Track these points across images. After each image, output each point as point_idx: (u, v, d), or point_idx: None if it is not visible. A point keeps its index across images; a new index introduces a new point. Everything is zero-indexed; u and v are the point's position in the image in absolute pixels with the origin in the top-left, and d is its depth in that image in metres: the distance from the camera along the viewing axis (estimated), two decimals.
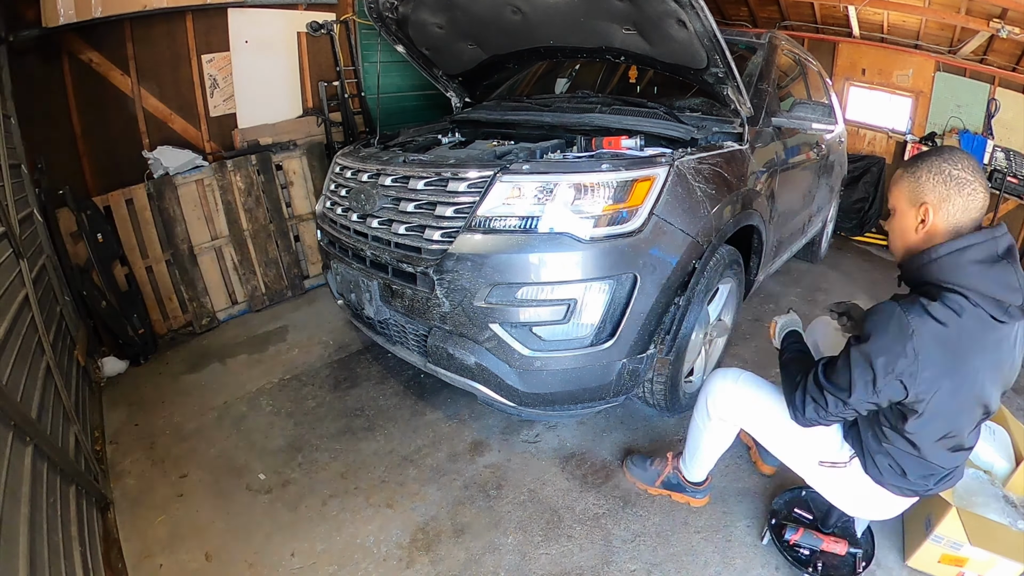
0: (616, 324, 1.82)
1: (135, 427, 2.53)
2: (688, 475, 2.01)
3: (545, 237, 1.73)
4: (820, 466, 1.55)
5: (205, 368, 3.01)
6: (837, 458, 1.52)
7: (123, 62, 3.22)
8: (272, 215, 3.74)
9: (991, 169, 5.38)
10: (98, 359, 2.93)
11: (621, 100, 2.64)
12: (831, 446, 1.53)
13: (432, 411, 2.60)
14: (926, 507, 1.89)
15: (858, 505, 1.58)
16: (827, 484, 1.59)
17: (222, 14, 3.56)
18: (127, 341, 3.00)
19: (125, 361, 3.00)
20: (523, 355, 1.80)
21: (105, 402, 2.72)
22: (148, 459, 2.34)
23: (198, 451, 2.38)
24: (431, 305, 1.87)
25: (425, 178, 1.96)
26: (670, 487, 2.07)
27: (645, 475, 2.12)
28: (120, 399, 2.74)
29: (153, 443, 2.42)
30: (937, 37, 5.33)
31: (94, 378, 2.82)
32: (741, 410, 1.68)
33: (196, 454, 2.36)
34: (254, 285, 3.69)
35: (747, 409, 1.67)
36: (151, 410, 2.65)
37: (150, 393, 2.79)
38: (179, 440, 2.44)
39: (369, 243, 2.08)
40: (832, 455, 1.53)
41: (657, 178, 1.82)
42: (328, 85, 4.10)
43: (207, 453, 2.37)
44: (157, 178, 3.25)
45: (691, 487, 2.03)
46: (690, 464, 1.97)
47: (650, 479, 2.11)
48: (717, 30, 1.85)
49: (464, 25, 2.67)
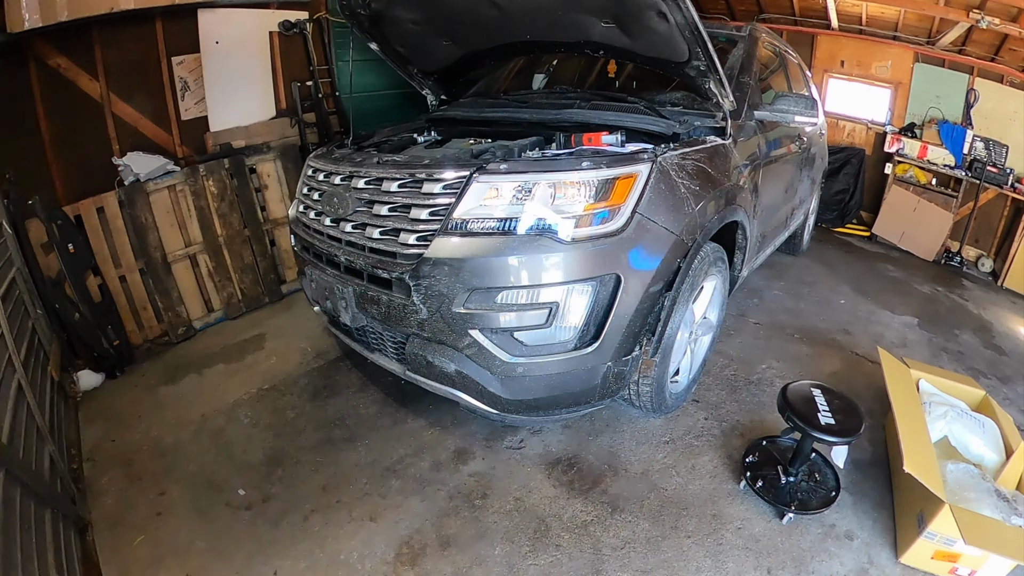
0: (600, 327, 1.76)
1: (112, 443, 2.46)
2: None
3: (524, 239, 1.66)
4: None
5: (182, 380, 2.93)
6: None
7: (91, 67, 3.13)
8: (247, 220, 3.65)
9: (971, 159, 5.42)
10: (73, 373, 2.84)
11: (600, 95, 2.58)
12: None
13: (414, 419, 2.53)
14: (918, 504, 1.88)
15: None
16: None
17: (192, 15, 3.46)
18: (102, 354, 2.92)
19: (101, 374, 2.92)
20: (505, 361, 1.74)
21: (81, 418, 2.65)
22: (126, 477, 2.27)
23: (176, 467, 2.31)
24: (408, 312, 1.80)
25: (399, 180, 1.88)
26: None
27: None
28: (96, 414, 2.67)
29: (131, 460, 2.35)
30: (916, 28, 5.35)
31: (69, 393, 2.74)
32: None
33: (175, 470, 2.29)
34: (230, 292, 3.60)
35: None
36: (128, 425, 2.58)
37: (127, 407, 2.72)
38: (157, 456, 2.37)
39: (343, 248, 2.01)
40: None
41: (639, 175, 1.76)
42: (302, 85, 4.02)
43: (186, 469, 2.30)
44: (128, 185, 3.16)
45: None
46: None
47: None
48: (699, 22, 1.80)
49: (439, 21, 2.59)
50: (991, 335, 4.00)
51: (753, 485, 2.12)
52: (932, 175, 5.73)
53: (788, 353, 3.16)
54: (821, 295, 4.08)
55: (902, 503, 2.07)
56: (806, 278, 4.39)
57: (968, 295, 4.79)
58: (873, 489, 2.21)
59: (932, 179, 5.76)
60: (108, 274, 3.10)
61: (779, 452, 2.24)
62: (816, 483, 2.11)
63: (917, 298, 4.33)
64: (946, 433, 2.25)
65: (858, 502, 2.13)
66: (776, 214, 3.13)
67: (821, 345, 3.31)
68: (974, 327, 4.06)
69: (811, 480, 2.12)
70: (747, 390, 2.78)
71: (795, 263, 4.66)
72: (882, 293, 4.27)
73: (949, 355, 3.46)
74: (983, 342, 3.85)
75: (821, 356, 3.18)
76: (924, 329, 3.75)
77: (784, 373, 2.94)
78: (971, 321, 4.17)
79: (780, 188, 3.06)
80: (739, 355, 3.08)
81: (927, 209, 5.54)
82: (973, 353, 3.64)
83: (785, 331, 3.43)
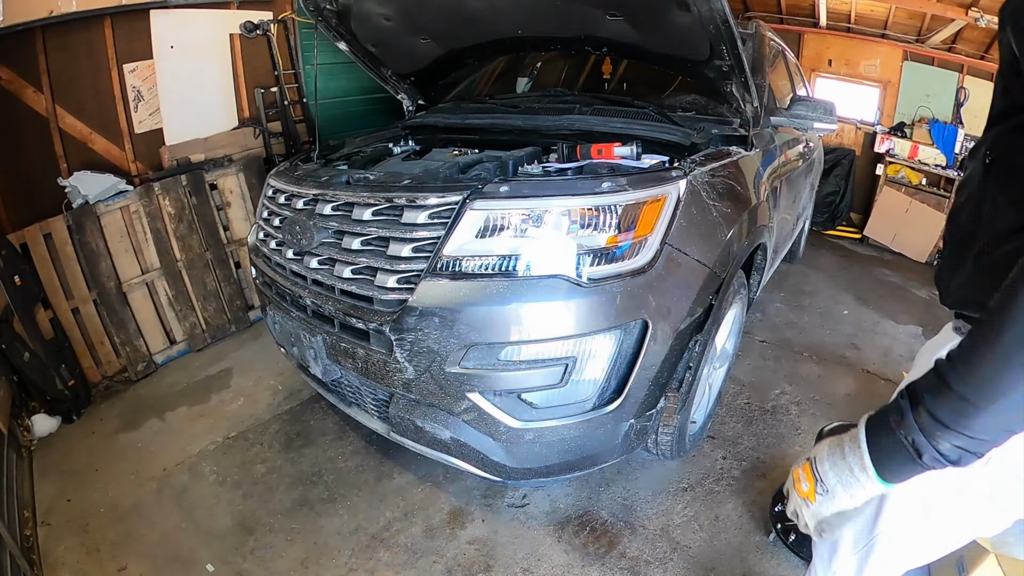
0: (623, 381, 1.48)
1: (68, 503, 2.17)
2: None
3: (533, 282, 1.36)
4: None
5: (142, 425, 2.62)
6: None
7: (36, 78, 2.81)
8: (208, 242, 3.31)
9: (962, 159, 5.30)
10: (26, 419, 2.53)
11: (603, 99, 2.29)
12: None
13: (400, 473, 2.22)
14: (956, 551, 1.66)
15: None
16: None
17: (144, 17, 3.15)
18: (56, 396, 2.61)
19: (56, 418, 2.62)
20: (511, 427, 1.44)
21: (36, 469, 2.37)
22: (83, 546, 1.97)
23: (137, 534, 2.01)
24: (391, 370, 1.49)
25: (373, 206, 1.56)
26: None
27: None
28: (51, 466, 2.38)
29: (87, 524, 2.06)
30: (905, 26, 5.22)
31: (22, 442, 2.43)
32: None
33: (135, 539, 2.00)
34: (193, 322, 3.26)
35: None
36: (84, 481, 2.28)
37: (83, 459, 2.42)
38: (115, 520, 2.08)
39: (309, 287, 1.69)
40: None
41: (668, 198, 1.48)
42: (266, 92, 3.71)
43: (147, 537, 2.00)
44: (77, 208, 2.83)
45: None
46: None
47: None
48: (731, 15, 1.51)
49: (416, 15, 2.27)
50: None
51: (786, 539, 1.88)
52: (923, 175, 5.62)
53: (799, 375, 2.98)
54: (823, 305, 3.93)
55: None
56: (805, 287, 4.26)
57: None
58: None
59: (923, 179, 5.65)
60: (60, 307, 2.78)
61: None
62: None
63: (917, 304, 4.19)
64: None
65: None
66: (786, 226, 2.90)
67: (831, 363, 3.13)
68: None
69: None
70: (763, 421, 2.57)
71: (792, 271, 4.50)
72: (883, 300, 4.13)
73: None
74: None
75: (833, 376, 3.00)
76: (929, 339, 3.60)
77: (799, 398, 2.76)
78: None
79: (791, 198, 2.82)
80: (750, 380, 2.88)
81: (919, 210, 5.43)
82: None
83: (793, 349, 3.26)
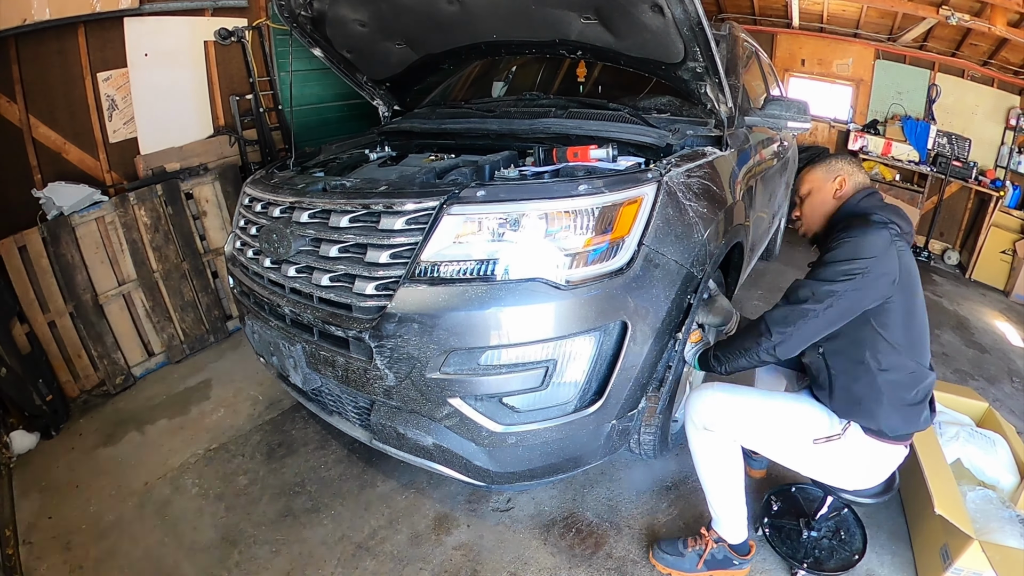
0: (604, 382, 1.48)
1: (49, 521, 2.12)
2: (729, 536, 1.71)
3: (512, 286, 1.37)
4: (815, 445, 1.50)
5: (122, 439, 2.57)
6: (831, 431, 1.50)
7: (9, 87, 2.74)
8: (184, 252, 3.26)
9: (935, 154, 5.42)
10: (4, 435, 2.48)
11: (578, 102, 2.30)
12: (821, 423, 1.52)
13: (384, 480, 2.20)
14: (940, 536, 1.77)
15: (860, 475, 1.56)
16: (826, 465, 1.55)
17: (117, 25, 3.09)
18: (34, 412, 2.56)
19: (35, 434, 2.56)
20: (493, 432, 1.44)
21: (16, 487, 2.31)
22: (65, 564, 1.93)
23: (120, 551, 1.97)
24: (371, 377, 1.48)
25: (350, 212, 1.55)
26: (716, 565, 1.74)
27: (684, 561, 1.75)
28: (32, 483, 2.33)
29: (69, 542, 2.02)
30: (877, 25, 5.32)
31: (1, 459, 2.39)
32: (726, 415, 1.58)
33: (118, 555, 1.95)
34: (171, 333, 3.21)
35: (731, 412, 1.58)
36: (65, 498, 2.23)
37: (63, 475, 2.37)
38: (98, 537, 2.04)
39: (287, 296, 1.67)
40: (825, 430, 1.50)
41: (645, 199, 1.49)
42: (241, 99, 3.66)
43: (130, 554, 1.96)
44: (51, 220, 2.77)
45: (738, 559, 1.74)
46: (724, 519, 1.70)
47: (691, 564, 1.75)
48: (704, 17, 1.52)
49: (391, 20, 2.26)
50: (970, 332, 4.01)
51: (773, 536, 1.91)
52: (897, 171, 5.73)
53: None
54: None
55: (921, 535, 1.94)
56: (781, 284, 4.23)
57: (940, 291, 4.80)
58: (887, 519, 2.06)
59: (896, 175, 5.76)
60: (36, 320, 2.72)
61: (806, 502, 2.02)
62: (840, 542, 1.89)
63: None
64: (959, 456, 2.16)
65: (874, 534, 1.95)
66: (762, 224, 2.93)
67: None
68: (952, 325, 4.07)
69: (835, 538, 1.90)
70: None
71: (768, 268, 4.53)
72: None
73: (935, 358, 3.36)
74: (964, 340, 3.84)
75: None
76: None
77: None
78: (948, 319, 4.18)
79: (767, 197, 2.86)
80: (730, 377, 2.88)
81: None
82: (957, 353, 3.62)
83: None
